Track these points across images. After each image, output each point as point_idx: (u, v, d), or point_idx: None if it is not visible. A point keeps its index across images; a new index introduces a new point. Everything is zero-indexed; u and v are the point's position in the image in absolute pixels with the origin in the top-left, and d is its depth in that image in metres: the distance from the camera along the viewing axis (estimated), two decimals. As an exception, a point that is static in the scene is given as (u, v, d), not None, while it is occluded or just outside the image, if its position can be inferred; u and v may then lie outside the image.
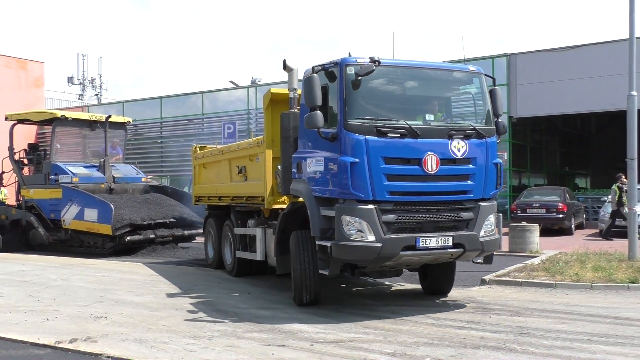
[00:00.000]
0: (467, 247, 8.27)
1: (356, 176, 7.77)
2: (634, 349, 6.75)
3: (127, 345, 6.98)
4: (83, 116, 19.77)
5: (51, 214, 17.66)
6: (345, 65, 7.96)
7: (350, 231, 7.76)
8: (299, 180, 8.83)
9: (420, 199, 8.15)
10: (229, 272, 12.29)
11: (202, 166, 14.25)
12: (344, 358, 6.42)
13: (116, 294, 10.51)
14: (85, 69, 43.15)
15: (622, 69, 13.60)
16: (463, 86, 9.17)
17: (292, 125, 9.04)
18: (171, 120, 31.82)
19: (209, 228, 13.78)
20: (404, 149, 8.03)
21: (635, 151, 12.79)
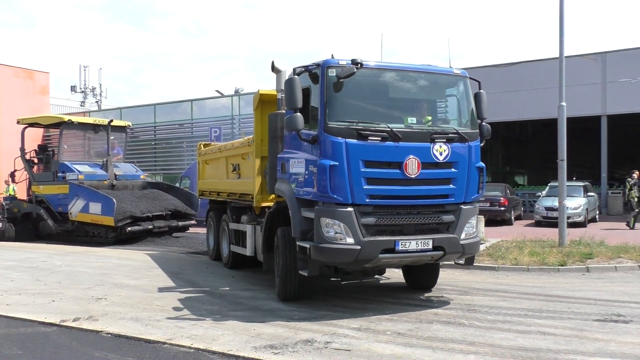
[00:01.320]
0: (448, 249, 7.29)
1: (335, 179, 6.84)
2: (563, 322, 6.82)
3: (124, 323, 6.85)
4: (87, 120, 19.45)
5: (59, 208, 17.42)
6: (327, 67, 7.05)
7: (329, 233, 6.87)
8: (283, 181, 7.93)
9: (400, 202, 7.19)
10: (224, 264, 11.53)
11: (205, 162, 13.47)
12: (316, 332, 6.37)
13: (115, 278, 10.32)
14: (87, 79, 42.50)
15: (554, 83, 13.75)
16: (447, 89, 7.98)
17: (280, 125, 8.09)
18: (164, 124, 31.69)
19: (210, 221, 12.94)
20: (384, 152, 7.05)
21: (565, 153, 12.96)
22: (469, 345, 5.88)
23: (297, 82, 7.13)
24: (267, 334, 6.32)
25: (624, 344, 5.94)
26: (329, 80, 7.01)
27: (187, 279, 10.07)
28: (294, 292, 7.90)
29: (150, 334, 6.35)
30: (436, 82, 7.89)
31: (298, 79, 7.21)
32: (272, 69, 8.88)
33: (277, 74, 8.82)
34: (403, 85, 7.72)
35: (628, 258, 11.29)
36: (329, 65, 7.07)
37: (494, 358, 5.46)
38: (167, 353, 5.77)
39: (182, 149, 30.73)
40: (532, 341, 6.02)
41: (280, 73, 8.76)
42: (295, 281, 7.77)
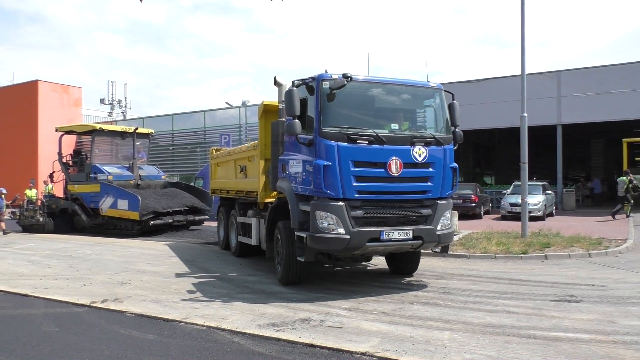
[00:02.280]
0: (426, 239, 7.33)
1: (328, 177, 6.88)
2: (524, 302, 6.78)
3: (146, 305, 6.79)
4: (116, 128, 19.37)
5: (91, 204, 17.33)
6: (321, 80, 7.11)
7: (322, 224, 6.89)
8: (283, 179, 7.94)
9: (385, 197, 7.18)
10: (232, 253, 11.44)
11: (216, 165, 13.38)
12: (312, 312, 6.31)
13: (138, 265, 10.24)
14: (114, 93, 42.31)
15: (517, 96, 13.72)
16: (425, 100, 8.00)
17: (281, 131, 8.08)
18: (180, 132, 31.66)
19: (220, 215, 12.82)
20: (371, 154, 7.07)
21: (526, 157, 12.94)
22: (444, 322, 5.83)
23: (296, 93, 7.20)
24: (269, 314, 6.25)
25: (575, 320, 5.91)
26: (323, 92, 7.06)
27: (200, 266, 9.98)
28: (295, 277, 7.86)
29: (168, 314, 6.29)
30: (415, 93, 7.93)
31: (296, 90, 7.27)
32: (275, 83, 8.84)
33: (278, 87, 8.80)
34: (387, 97, 7.77)
35: (580, 247, 11.27)
36: (323, 79, 7.13)
37: (465, 333, 5.42)
38: (183, 330, 5.70)
39: (196, 153, 30.67)
40: (499, 319, 5.98)
41: (282, 86, 8.73)
42: (295, 267, 7.74)
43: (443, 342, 5.12)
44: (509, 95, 20.58)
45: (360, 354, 4.84)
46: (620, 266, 9.60)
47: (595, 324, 5.76)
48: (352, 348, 4.97)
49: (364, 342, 5.15)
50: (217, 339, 5.37)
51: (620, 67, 23.19)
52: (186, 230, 17.05)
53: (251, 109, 29.44)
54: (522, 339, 5.24)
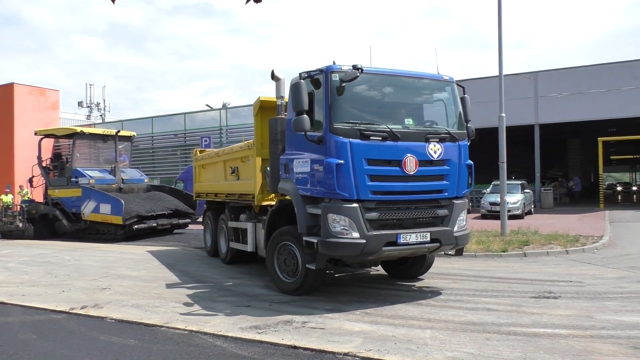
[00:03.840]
0: (443, 241, 6.82)
1: (341, 177, 6.28)
2: (504, 299, 6.81)
3: (126, 310, 6.64)
4: (97, 131, 19.05)
5: (72, 209, 16.97)
6: (330, 72, 6.47)
7: (335, 228, 6.30)
8: (286, 180, 7.24)
9: (400, 197, 6.63)
10: (222, 260, 10.59)
11: (201, 167, 12.59)
12: (295, 314, 6.24)
13: (118, 270, 10.01)
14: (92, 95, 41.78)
15: (495, 97, 13.86)
16: (438, 93, 7.43)
17: (280, 129, 7.48)
18: (160, 134, 31.35)
19: (207, 220, 12.01)
20: (385, 151, 6.51)
21: (505, 156, 13.07)
22: (426, 321, 5.82)
23: (303, 86, 6.54)
24: (252, 316, 6.17)
25: (554, 316, 5.95)
26: (333, 85, 6.46)
27: (181, 270, 9.81)
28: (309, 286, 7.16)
29: (149, 319, 6.16)
30: (428, 86, 7.38)
31: (304, 82, 6.60)
32: (272, 77, 8.07)
33: (276, 82, 8.06)
34: (399, 89, 7.19)
35: (557, 244, 11.40)
36: (332, 70, 6.51)
37: (447, 332, 5.41)
38: (164, 335, 5.59)
39: (177, 156, 30.42)
40: (479, 316, 5.99)
41: (280, 81, 8.01)
42: (311, 276, 7.03)
43: (425, 341, 5.11)
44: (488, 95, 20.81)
45: (343, 355, 4.80)
46: (597, 262, 9.73)
47: (573, 319, 5.80)
48: (335, 349, 4.92)
49: (347, 342, 5.11)
50: (199, 343, 5.28)
51: (594, 67, 23.63)
52: (170, 234, 16.84)
53: (232, 111, 29.32)
54: (503, 335, 5.25)
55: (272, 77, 8.07)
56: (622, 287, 7.45)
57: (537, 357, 4.60)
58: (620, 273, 8.58)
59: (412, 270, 8.28)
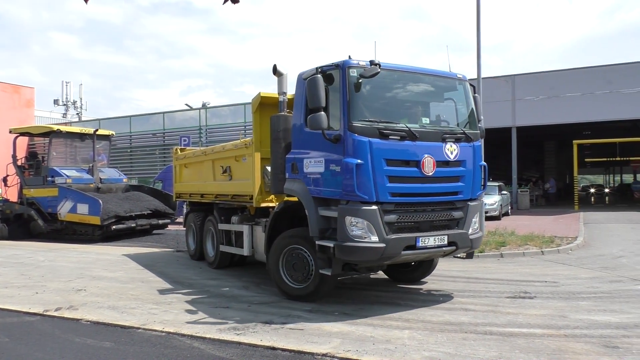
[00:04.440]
0: (460, 244, 6.61)
1: (361, 177, 5.92)
2: (481, 300, 6.89)
3: (102, 312, 6.51)
4: (75, 130, 18.65)
5: (49, 209, 16.59)
6: (347, 67, 6.12)
7: (353, 232, 5.95)
8: (294, 180, 6.79)
9: (418, 199, 6.34)
10: (209, 264, 10.03)
11: (183, 166, 11.84)
12: (274, 315, 6.21)
13: (93, 271, 9.78)
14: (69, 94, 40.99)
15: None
16: (452, 92, 7.13)
17: (283, 127, 7.07)
18: (138, 134, 30.91)
19: (190, 222, 11.30)
20: (404, 151, 6.22)
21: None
22: (404, 322, 5.84)
23: (320, 81, 6.12)
24: (231, 317, 6.11)
25: (529, 315, 6.03)
26: (351, 80, 6.10)
27: (159, 271, 9.63)
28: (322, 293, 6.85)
29: (126, 321, 6.05)
30: (443, 85, 7.08)
31: (321, 77, 6.17)
32: (274, 72, 7.55)
33: (279, 77, 7.56)
34: (416, 87, 6.91)
35: (533, 245, 11.58)
36: (349, 66, 6.15)
37: (425, 332, 5.44)
38: (141, 337, 5.50)
39: (155, 156, 30.05)
40: (456, 316, 6.04)
41: (282, 76, 7.54)
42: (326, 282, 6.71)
43: (403, 341, 5.13)
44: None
45: (321, 355, 4.79)
46: (571, 263, 9.91)
47: (548, 319, 5.89)
48: (314, 349, 4.91)
49: (325, 343, 5.10)
50: (177, 345, 5.21)
51: (570, 72, 24.13)
52: (149, 234, 16.61)
53: (212, 111, 29.11)
54: (479, 335, 5.30)
55: (274, 72, 7.58)
56: (595, 287, 7.60)
57: (513, 357, 4.66)
58: (593, 273, 8.75)
59: (416, 273, 8.09)
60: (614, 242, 12.77)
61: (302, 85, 6.78)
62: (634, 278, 8.22)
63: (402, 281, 8.12)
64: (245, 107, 27.47)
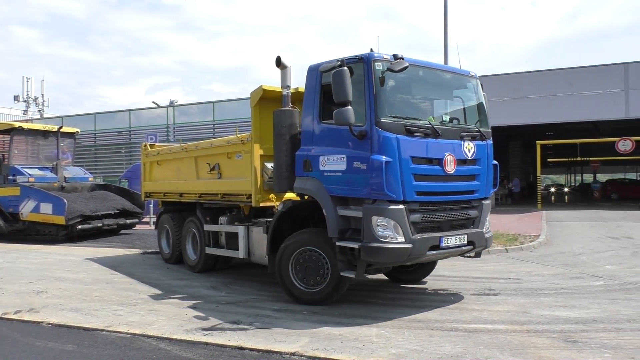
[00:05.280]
0: (477, 243, 6.51)
1: (389, 176, 5.70)
2: (447, 297, 6.95)
3: (64, 314, 6.31)
4: (38, 127, 18.03)
5: (10, 209, 15.94)
6: (372, 60, 5.85)
7: (379, 232, 5.71)
8: (307, 179, 6.48)
9: (440, 198, 6.19)
10: (191, 267, 9.33)
11: (155, 163, 10.97)
12: (242, 314, 6.14)
13: (55, 272, 9.42)
14: (30, 90, 39.71)
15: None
16: (467, 89, 7.00)
17: (288, 122, 6.78)
18: (103, 132, 30.19)
19: (164, 224, 10.48)
20: (428, 148, 6.04)
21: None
22: (372, 319, 5.87)
23: (347, 74, 5.77)
24: (198, 318, 6.02)
25: (494, 312, 6.15)
26: (377, 74, 5.84)
27: (125, 272, 9.38)
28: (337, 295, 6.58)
29: (89, 323, 5.88)
30: (460, 81, 6.96)
31: (347, 70, 5.81)
32: (278, 65, 7.16)
33: (282, 69, 7.17)
34: (435, 83, 6.73)
35: (497, 243, 11.82)
36: (374, 59, 5.89)
37: (392, 329, 5.48)
38: (105, 339, 5.36)
39: (121, 154, 29.41)
40: (424, 314, 6.10)
41: (286, 69, 7.18)
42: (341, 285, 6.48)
43: (371, 339, 5.15)
44: (435, 99, 21.41)
45: (289, 354, 4.77)
46: (534, 260, 10.16)
47: (511, 315, 6.02)
48: (282, 349, 4.89)
49: (294, 342, 5.08)
50: (142, 347, 5.10)
51: (533, 74, 24.76)
52: (116, 234, 16.22)
53: (180, 109, 28.66)
54: (445, 332, 5.37)
55: (277, 65, 7.19)
56: (556, 284, 7.81)
57: (477, 352, 4.74)
58: (555, 270, 8.99)
59: (416, 274, 7.97)
60: (574, 240, 13.18)
61: (315, 78, 6.54)
62: (593, 274, 8.49)
63: (402, 282, 7.96)
64: (214, 105, 27.16)
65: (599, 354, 4.67)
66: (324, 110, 6.40)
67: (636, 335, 5.21)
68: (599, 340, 5.05)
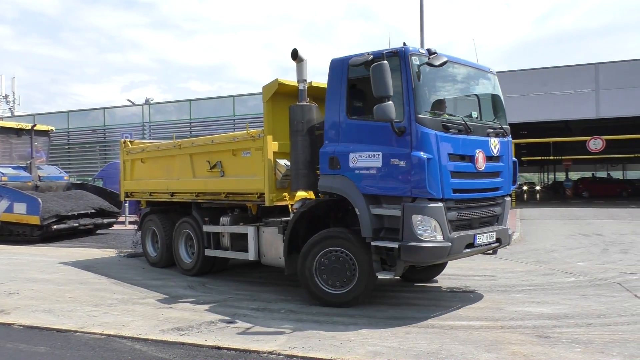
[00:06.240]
0: (503, 241, 6.48)
1: (431, 173, 5.55)
2: (424, 294, 6.99)
3: (37, 315, 6.15)
4: (10, 125, 17.57)
5: (-19, 209, 15.53)
6: (410, 54, 5.69)
7: (420, 231, 5.56)
8: (335, 177, 6.22)
9: (472, 196, 6.09)
10: (185, 271, 8.77)
11: (138, 161, 10.22)
12: (219, 314, 6.07)
13: (28, 273, 9.16)
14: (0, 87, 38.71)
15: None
16: (490, 86, 6.91)
17: (306, 118, 6.55)
18: (77, 130, 29.64)
19: (149, 225, 9.80)
20: (462, 145, 5.92)
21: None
22: (349, 317, 5.86)
23: (387, 68, 5.55)
24: (174, 318, 5.92)
25: (469, 309, 6.22)
26: (414, 68, 5.69)
27: (99, 272, 9.16)
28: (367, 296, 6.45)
29: (62, 324, 5.74)
30: (483, 77, 6.85)
31: (387, 64, 5.58)
32: (294, 58, 6.84)
33: (298, 63, 6.86)
34: (463, 79, 6.63)
35: (474, 240, 11.93)
36: (412, 53, 5.72)
37: (369, 326, 5.49)
38: (78, 340, 5.23)
39: (95, 153, 28.89)
40: (401, 311, 6.13)
41: (303, 62, 6.88)
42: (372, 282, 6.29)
43: (348, 337, 5.14)
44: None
45: (267, 353, 4.73)
46: (508, 257, 10.31)
47: (486, 311, 6.09)
48: (259, 348, 4.84)
49: (271, 341, 5.04)
50: (117, 348, 5.00)
51: (507, 74, 25.09)
52: (92, 234, 15.89)
53: (155, 107, 28.28)
54: (422, 328, 5.40)
55: (293, 58, 6.86)
56: (529, 280, 7.93)
57: (453, 349, 4.77)
58: (528, 267, 9.14)
59: (429, 272, 7.81)
60: (547, 237, 13.43)
61: (340, 72, 6.31)
62: (565, 271, 8.66)
63: (413, 281, 7.81)
64: (190, 103, 26.87)
65: (570, 348, 4.75)
66: (352, 106, 6.21)
67: (605, 330, 5.31)
68: (570, 335, 5.14)
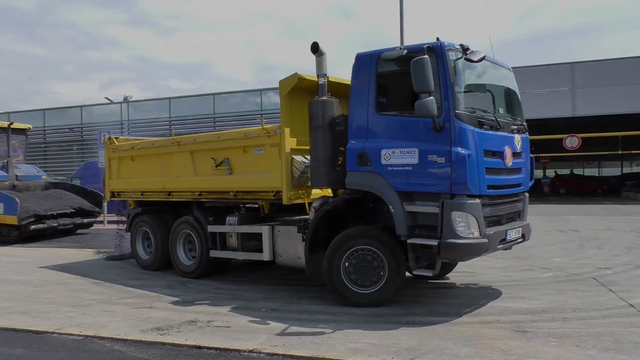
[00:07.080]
0: (526, 236, 6.53)
1: (471, 169, 5.51)
2: (406, 291, 6.99)
3: (13, 317, 6.01)
4: (-15, 123, 17.18)
5: (-43, 208, 15.11)
6: (447, 49, 5.62)
7: (459, 228, 5.52)
8: (365, 174, 6.07)
9: (501, 192, 6.09)
10: (186, 274, 8.31)
11: (127, 159, 9.60)
12: (200, 313, 6.01)
13: (3, 274, 8.93)
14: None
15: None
16: (511, 81, 6.83)
17: (328, 113, 6.34)
18: (53, 128, 29.10)
19: (141, 226, 9.26)
20: (494, 142, 5.92)
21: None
22: (330, 315, 5.86)
23: (428, 62, 5.45)
24: (154, 318, 5.85)
25: (448, 305, 6.27)
26: (450, 64, 5.63)
27: (77, 272, 8.97)
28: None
29: (39, 325, 5.62)
30: (506, 74, 6.81)
31: (428, 58, 5.47)
32: (314, 51, 6.57)
33: (318, 57, 6.60)
34: (493, 76, 6.59)
35: (455, 237, 12.03)
36: (448, 48, 5.66)
37: (350, 323, 5.49)
38: (55, 342, 5.13)
39: (72, 152, 28.41)
40: (381, 309, 6.11)
41: (323, 56, 6.62)
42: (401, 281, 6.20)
43: (329, 334, 5.13)
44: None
45: (248, 352, 4.70)
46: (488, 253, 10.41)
47: (465, 307, 6.13)
48: (240, 346, 4.81)
49: (252, 339, 5.01)
50: (95, 349, 4.91)
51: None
52: (72, 234, 15.60)
53: (134, 105, 27.94)
54: (402, 325, 5.42)
55: (313, 51, 6.59)
56: (508, 276, 8.02)
57: (432, 344, 4.79)
58: (507, 263, 9.23)
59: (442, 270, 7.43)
60: (525, 233, 13.59)
61: (368, 67, 6.15)
62: (542, 266, 8.78)
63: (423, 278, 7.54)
64: (170, 101, 26.58)
65: (547, 342, 4.82)
66: (382, 101, 6.08)
67: (581, 324, 5.40)
68: (547, 329, 5.21)
